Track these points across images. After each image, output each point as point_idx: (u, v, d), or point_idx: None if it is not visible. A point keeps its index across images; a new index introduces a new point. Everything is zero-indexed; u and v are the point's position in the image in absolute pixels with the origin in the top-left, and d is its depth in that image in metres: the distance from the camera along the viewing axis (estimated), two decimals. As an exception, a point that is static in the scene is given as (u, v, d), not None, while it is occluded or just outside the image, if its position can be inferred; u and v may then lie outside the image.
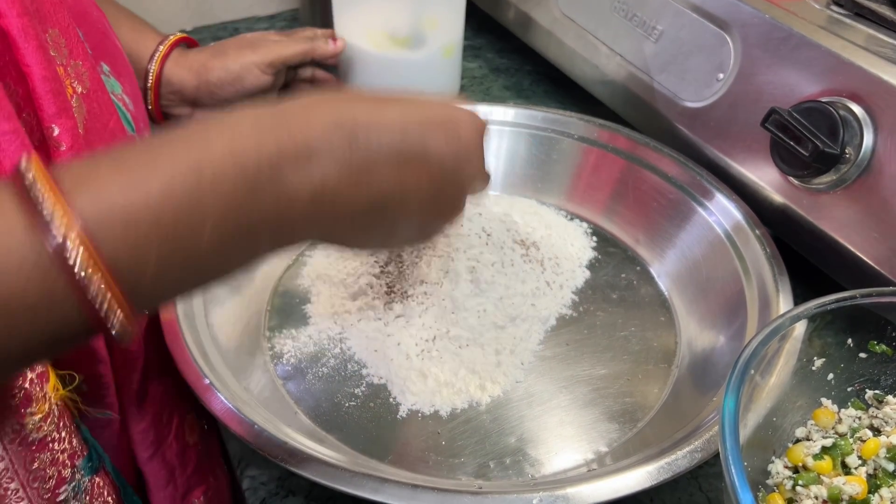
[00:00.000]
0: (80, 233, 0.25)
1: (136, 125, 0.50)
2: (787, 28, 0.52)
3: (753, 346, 0.37)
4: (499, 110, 0.65)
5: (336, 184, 0.32)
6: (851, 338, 0.41)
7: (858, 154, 0.48)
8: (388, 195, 0.34)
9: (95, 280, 0.26)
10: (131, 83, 0.53)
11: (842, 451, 0.39)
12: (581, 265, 0.58)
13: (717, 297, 0.52)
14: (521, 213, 0.61)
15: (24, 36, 0.34)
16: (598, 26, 0.68)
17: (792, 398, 0.41)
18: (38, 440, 0.35)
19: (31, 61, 0.34)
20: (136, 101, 0.53)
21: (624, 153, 0.62)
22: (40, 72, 0.34)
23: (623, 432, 0.46)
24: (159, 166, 0.28)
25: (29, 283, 0.25)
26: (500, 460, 0.44)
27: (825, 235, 0.50)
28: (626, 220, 0.61)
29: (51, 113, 0.35)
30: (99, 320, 0.26)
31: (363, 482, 0.37)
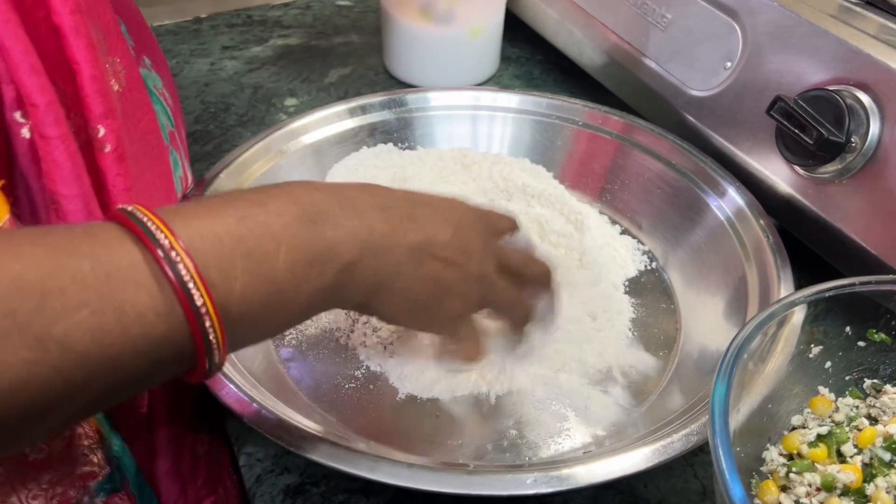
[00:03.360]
0: (185, 249, 0.28)
1: (174, 119, 0.51)
2: (796, 16, 0.51)
3: (747, 332, 0.37)
4: (503, 96, 0.65)
5: (381, 225, 0.37)
6: (850, 326, 0.41)
7: (864, 143, 0.47)
8: (420, 240, 0.40)
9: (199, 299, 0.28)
10: (168, 78, 0.54)
11: (837, 440, 0.39)
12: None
13: (719, 285, 0.52)
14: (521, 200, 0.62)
15: (76, 33, 0.33)
16: (607, 15, 0.67)
17: (788, 385, 0.41)
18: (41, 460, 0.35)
19: (80, 58, 0.33)
20: (174, 95, 0.53)
21: (628, 140, 0.61)
22: (89, 70, 0.34)
23: (622, 417, 0.46)
24: (232, 203, 0.33)
25: (158, 317, 0.28)
26: (498, 443, 0.45)
27: (830, 225, 0.50)
28: (629, 206, 0.61)
29: (98, 113, 0.34)
30: (202, 351, 0.29)
31: (358, 460, 0.37)
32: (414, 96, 0.65)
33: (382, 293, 0.39)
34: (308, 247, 0.33)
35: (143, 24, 0.51)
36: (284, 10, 0.92)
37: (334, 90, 0.77)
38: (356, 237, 0.36)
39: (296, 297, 0.34)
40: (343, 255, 0.35)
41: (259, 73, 0.79)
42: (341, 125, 0.62)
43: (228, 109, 0.73)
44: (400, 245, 0.38)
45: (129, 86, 0.40)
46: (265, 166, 0.57)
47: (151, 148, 0.43)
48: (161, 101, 0.49)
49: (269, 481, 0.43)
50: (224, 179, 0.54)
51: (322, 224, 0.34)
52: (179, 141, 0.51)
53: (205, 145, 0.68)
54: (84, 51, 0.33)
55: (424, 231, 0.40)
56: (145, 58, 0.48)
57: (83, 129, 0.35)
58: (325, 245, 0.34)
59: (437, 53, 0.73)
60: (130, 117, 0.40)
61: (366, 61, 0.82)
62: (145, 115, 0.43)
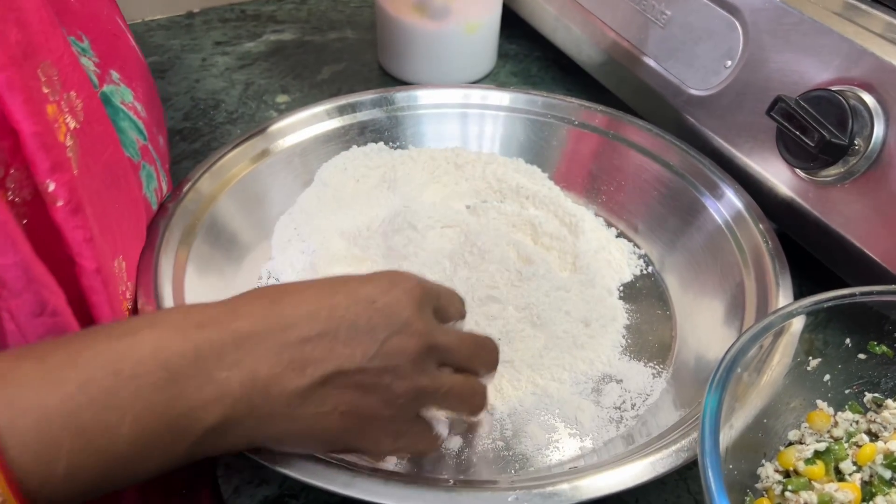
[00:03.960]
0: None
1: (148, 132, 0.49)
2: (799, 13, 0.50)
3: (741, 344, 0.35)
4: (497, 94, 0.63)
5: (268, 369, 0.32)
6: (850, 337, 0.39)
7: (868, 146, 0.46)
8: (322, 374, 0.33)
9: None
10: (144, 86, 0.52)
11: (835, 456, 0.38)
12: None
13: (716, 291, 0.50)
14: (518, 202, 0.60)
15: (10, 89, 0.31)
16: (606, 11, 0.66)
17: (785, 399, 0.39)
18: None
19: (19, 116, 0.31)
20: (150, 105, 0.51)
21: (625, 140, 0.60)
22: (30, 127, 0.31)
23: (613, 429, 0.45)
24: (79, 364, 0.29)
25: None
26: (483, 455, 0.43)
27: (831, 230, 0.48)
28: (625, 208, 0.59)
29: (44, 169, 0.32)
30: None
31: (334, 476, 0.36)
32: (405, 94, 0.63)
33: (273, 442, 0.34)
34: (161, 415, 0.29)
35: (114, 35, 0.49)
36: (279, 4, 0.90)
37: (327, 87, 0.75)
38: (227, 395, 0.31)
39: (143, 466, 0.30)
40: (206, 419, 0.31)
41: (251, 70, 0.77)
42: (330, 123, 0.61)
43: (218, 106, 0.72)
44: (290, 389, 0.32)
45: (89, 118, 0.39)
46: (249, 167, 0.55)
47: (117, 178, 0.42)
48: (130, 117, 0.47)
49: (248, 493, 0.42)
50: (207, 180, 0.52)
51: (185, 383, 0.30)
52: (155, 151, 0.50)
53: (192, 143, 0.67)
54: (21, 107, 0.31)
55: (332, 358, 0.33)
56: (113, 72, 0.47)
57: (27, 182, 0.33)
58: (185, 409, 0.30)
59: (433, 50, 0.72)
60: (91, 152, 0.38)
61: (360, 57, 0.80)
62: (108, 146, 0.41)
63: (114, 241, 0.41)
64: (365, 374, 0.34)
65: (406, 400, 0.35)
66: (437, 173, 0.62)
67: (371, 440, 0.36)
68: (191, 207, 0.50)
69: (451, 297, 0.40)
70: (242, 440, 0.33)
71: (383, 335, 0.34)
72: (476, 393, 0.39)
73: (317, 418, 0.33)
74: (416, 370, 0.35)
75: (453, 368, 0.38)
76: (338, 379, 0.33)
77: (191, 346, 0.31)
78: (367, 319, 0.34)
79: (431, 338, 0.36)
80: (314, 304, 0.34)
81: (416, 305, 0.36)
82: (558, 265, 0.55)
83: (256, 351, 0.32)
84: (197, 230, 0.49)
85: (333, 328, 0.33)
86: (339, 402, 0.34)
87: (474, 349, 0.39)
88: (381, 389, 0.34)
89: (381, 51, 0.77)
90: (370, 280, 0.36)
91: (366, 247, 0.54)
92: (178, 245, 0.47)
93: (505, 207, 0.60)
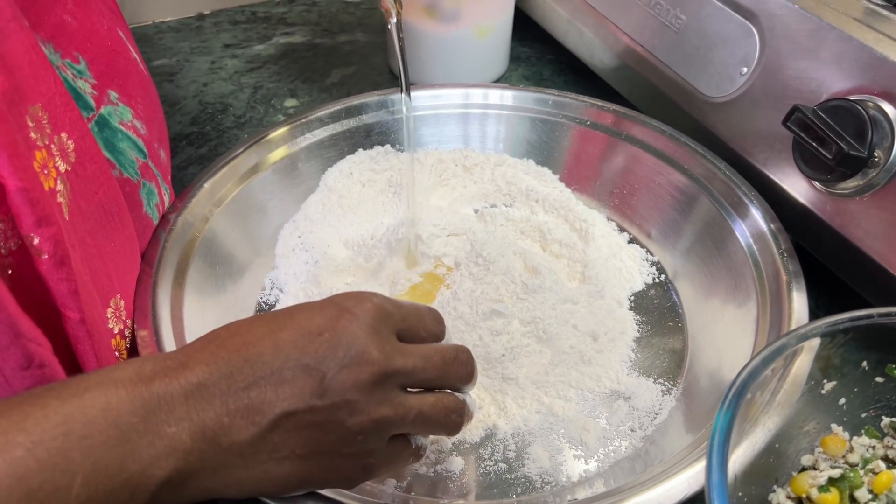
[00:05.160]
0: None
1: (148, 149, 0.48)
2: (818, 19, 0.48)
3: (752, 367, 0.34)
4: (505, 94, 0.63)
5: (215, 419, 0.31)
6: (867, 360, 0.38)
7: (889, 158, 0.44)
8: (271, 419, 0.32)
9: None
10: (144, 101, 0.51)
11: (850, 484, 0.36)
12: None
13: (729, 303, 0.49)
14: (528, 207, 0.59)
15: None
16: (619, 15, 0.64)
17: (798, 423, 0.38)
18: None
19: (4, 173, 0.31)
20: (150, 121, 0.51)
21: (639, 142, 0.58)
22: (15, 183, 0.31)
23: (622, 450, 0.43)
24: (27, 427, 0.28)
25: None
26: (484, 478, 0.42)
27: (849, 244, 0.47)
28: (638, 212, 0.58)
29: (29, 223, 0.32)
30: None
31: None
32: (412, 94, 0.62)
33: (233, 491, 0.33)
34: (113, 474, 0.29)
35: (114, 52, 0.49)
36: (290, 6, 0.89)
37: (336, 90, 0.74)
38: (177, 448, 0.30)
39: None
40: (158, 474, 0.30)
41: (260, 73, 0.77)
42: (336, 126, 0.60)
43: (226, 110, 0.71)
44: (240, 439, 0.31)
45: (81, 159, 0.38)
46: (253, 174, 0.55)
47: (112, 217, 0.41)
48: (130, 136, 0.47)
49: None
50: (207, 192, 0.51)
51: (137, 440, 0.29)
52: (155, 167, 0.49)
53: (199, 148, 0.66)
54: (6, 163, 0.30)
55: (278, 400, 0.32)
56: (111, 91, 0.46)
57: (13, 234, 0.33)
58: (138, 467, 0.29)
59: (443, 53, 0.71)
60: (84, 193, 0.38)
61: (370, 61, 0.79)
62: (102, 185, 0.40)
63: (110, 280, 0.41)
64: (316, 413, 0.32)
65: (365, 435, 0.33)
66: (444, 176, 0.62)
67: (339, 477, 0.34)
68: (191, 220, 0.49)
69: (421, 317, 0.38)
70: (201, 492, 0.32)
71: (331, 369, 0.32)
72: (451, 411, 0.37)
73: (274, 464, 0.32)
74: (373, 401, 0.33)
75: (424, 389, 0.37)
76: (288, 421, 0.32)
77: (140, 404, 0.30)
78: (312, 354, 0.32)
79: (388, 363, 0.34)
80: (259, 345, 0.32)
81: (368, 331, 0.34)
82: (567, 274, 0.54)
83: (203, 402, 0.31)
84: (197, 243, 0.49)
85: (278, 368, 0.32)
86: (295, 445, 0.32)
87: (442, 366, 0.36)
88: (336, 426, 0.33)
89: (391, 54, 0.76)
90: (320, 309, 0.34)
91: (369, 256, 0.53)
92: (177, 262, 0.47)
93: (513, 213, 0.58)
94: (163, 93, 0.72)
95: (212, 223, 0.50)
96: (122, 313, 0.41)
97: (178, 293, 0.45)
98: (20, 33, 0.34)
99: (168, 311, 0.43)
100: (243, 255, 0.53)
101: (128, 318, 0.42)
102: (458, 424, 0.38)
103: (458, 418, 0.37)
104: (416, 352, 0.36)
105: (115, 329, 0.40)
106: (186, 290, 0.45)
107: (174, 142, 0.66)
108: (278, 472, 0.32)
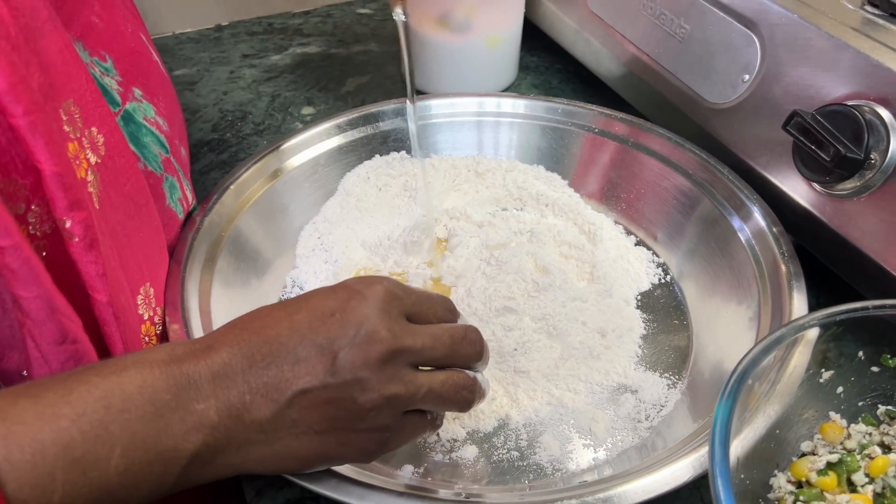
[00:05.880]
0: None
1: (170, 145, 0.51)
2: (816, 28, 0.50)
3: (752, 356, 0.36)
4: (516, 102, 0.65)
5: (239, 397, 0.33)
6: (863, 350, 0.40)
7: (885, 160, 0.46)
8: (288, 396, 0.34)
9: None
10: (166, 100, 0.54)
11: (847, 468, 0.38)
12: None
13: (732, 301, 0.51)
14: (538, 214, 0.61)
15: (32, 133, 0.32)
16: (625, 25, 0.66)
17: (798, 410, 0.40)
18: None
19: (40, 157, 0.33)
20: (171, 119, 0.53)
21: (645, 148, 0.60)
22: (50, 168, 0.33)
23: (627, 440, 0.45)
24: (72, 400, 0.30)
25: None
26: (498, 465, 0.44)
27: (847, 243, 0.49)
28: (644, 216, 0.60)
29: (62, 206, 0.34)
30: None
31: (349, 488, 0.37)
32: (427, 103, 0.65)
33: (258, 466, 0.35)
34: (148, 447, 0.31)
35: (137, 52, 0.51)
36: (305, 17, 0.92)
37: (351, 99, 0.77)
38: (205, 424, 0.33)
39: (134, 495, 0.32)
40: (188, 448, 0.32)
41: (277, 82, 0.79)
42: (353, 133, 0.62)
43: (245, 118, 0.73)
44: (260, 416, 0.34)
45: (110, 152, 0.40)
46: (275, 178, 0.57)
47: (139, 208, 0.44)
48: (153, 131, 0.49)
49: (269, 495, 0.43)
50: (232, 193, 0.54)
51: (169, 416, 0.32)
52: (177, 162, 0.51)
53: (220, 154, 0.68)
54: (43, 149, 0.33)
55: (294, 378, 0.34)
56: (135, 89, 0.49)
57: (47, 218, 0.35)
58: (170, 440, 0.32)
59: (455, 63, 0.73)
60: (113, 185, 0.40)
61: (384, 70, 0.82)
62: (130, 178, 0.43)
63: (139, 269, 0.43)
64: (329, 390, 0.34)
65: (378, 411, 0.35)
66: (457, 181, 0.64)
67: (356, 451, 0.36)
68: (217, 220, 0.52)
69: (432, 303, 0.39)
70: (227, 468, 0.34)
71: (343, 348, 0.34)
72: (461, 388, 0.38)
73: (293, 440, 0.34)
74: (383, 379, 0.35)
75: (435, 367, 0.38)
76: (304, 398, 0.34)
77: (172, 382, 0.32)
78: (325, 333, 0.34)
79: (397, 342, 0.35)
80: (277, 326, 0.35)
81: (378, 312, 0.35)
82: (576, 274, 0.56)
83: (227, 381, 0.33)
84: (223, 242, 0.51)
85: (293, 348, 0.34)
86: (312, 421, 0.34)
87: (451, 344, 0.38)
88: (349, 403, 0.34)
89: (403, 63, 0.78)
90: (333, 292, 0.36)
91: (386, 256, 0.56)
92: (205, 258, 0.49)
93: (524, 216, 0.61)
94: (184, 101, 0.75)
95: (237, 222, 0.53)
96: (152, 301, 0.43)
97: (205, 288, 0.47)
98: (55, 33, 0.36)
99: (197, 304, 0.45)
100: (267, 252, 0.55)
101: (157, 305, 0.44)
102: (468, 401, 0.39)
103: (468, 395, 0.39)
104: (425, 331, 0.37)
105: (146, 315, 0.42)
106: (214, 286, 0.48)
107: (196, 148, 0.69)
108: (298, 447, 0.35)
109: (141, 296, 0.42)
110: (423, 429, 0.39)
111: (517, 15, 0.73)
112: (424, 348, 0.37)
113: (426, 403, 0.37)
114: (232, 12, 0.90)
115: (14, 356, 0.37)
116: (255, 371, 0.34)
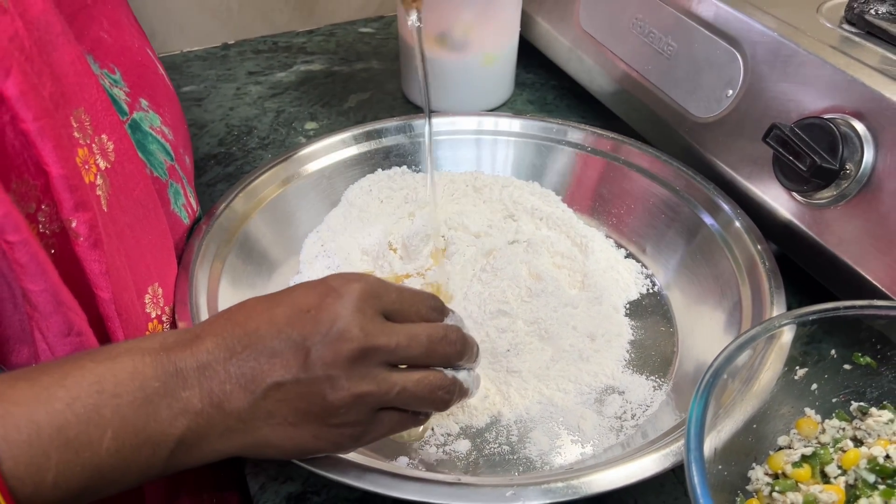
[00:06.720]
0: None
1: (175, 153, 0.54)
2: (796, 45, 0.53)
3: (728, 353, 0.38)
4: (514, 122, 0.67)
5: (219, 386, 0.35)
6: (835, 349, 0.42)
7: (859, 170, 0.48)
8: (263, 388, 0.35)
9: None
10: (171, 111, 0.56)
11: (821, 460, 0.40)
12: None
13: (716, 308, 0.53)
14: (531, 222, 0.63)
15: (42, 137, 0.34)
16: (616, 43, 0.69)
17: (775, 406, 0.42)
18: None
19: (48, 160, 0.35)
20: (176, 129, 0.56)
21: (635, 166, 0.63)
22: (57, 170, 0.35)
23: (614, 437, 0.47)
24: (67, 384, 0.32)
25: None
26: (490, 458, 0.46)
27: (825, 250, 0.51)
28: (634, 230, 0.63)
29: (69, 207, 0.36)
30: None
31: (346, 470, 0.39)
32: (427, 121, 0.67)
33: (240, 452, 0.37)
34: (138, 430, 0.33)
35: (144, 65, 0.54)
36: (309, 36, 0.95)
37: (353, 114, 0.79)
38: (189, 410, 0.34)
39: (124, 477, 0.33)
40: (174, 432, 0.34)
41: (282, 98, 0.82)
42: (357, 148, 0.65)
43: (251, 132, 0.76)
44: (238, 406, 0.35)
45: (120, 158, 0.42)
46: (280, 188, 0.60)
47: (147, 213, 0.46)
48: (158, 140, 0.52)
49: (273, 489, 0.45)
50: (241, 200, 0.56)
51: (158, 402, 0.33)
52: (181, 170, 0.54)
53: (227, 167, 0.71)
54: (51, 153, 0.35)
55: (270, 371, 0.35)
56: (142, 100, 0.51)
57: (55, 218, 0.37)
58: (157, 427, 0.33)
59: (453, 80, 0.76)
60: (122, 189, 0.42)
61: (385, 87, 0.84)
62: (138, 183, 0.45)
63: (148, 269, 0.45)
64: (301, 385, 0.35)
65: (347, 408, 0.36)
66: (456, 195, 0.66)
67: (329, 444, 0.37)
68: (225, 225, 0.54)
69: (414, 300, 0.40)
70: (213, 453, 0.36)
71: (315, 344, 0.35)
72: (437, 388, 0.38)
73: (270, 430, 0.36)
74: (354, 377, 0.36)
75: (411, 367, 0.38)
76: (278, 392, 0.35)
77: (161, 370, 0.34)
78: (300, 330, 0.35)
79: (368, 341, 0.36)
80: (258, 319, 0.36)
81: (352, 310, 0.36)
82: (568, 283, 0.58)
83: (210, 370, 0.35)
84: (231, 246, 0.53)
85: (270, 341, 0.35)
86: (287, 413, 0.35)
87: (428, 344, 0.38)
88: (319, 399, 0.35)
89: (404, 81, 0.81)
90: (313, 288, 0.37)
91: (385, 263, 0.58)
92: (213, 260, 0.52)
93: (520, 227, 0.63)
94: (192, 116, 0.78)
95: (242, 232, 0.55)
96: (161, 300, 0.46)
97: (213, 286, 0.50)
98: (67, 46, 0.39)
99: (205, 301, 0.48)
100: (272, 256, 0.58)
101: (165, 305, 0.46)
102: (445, 401, 0.39)
103: (444, 395, 0.39)
104: (402, 330, 0.37)
105: (153, 314, 0.45)
106: (221, 284, 0.50)
107: (203, 161, 0.71)
108: (274, 437, 0.36)
109: (149, 295, 0.45)
110: (403, 424, 0.40)
111: (513, 33, 0.76)
112: (399, 347, 0.37)
113: (400, 402, 0.38)
114: (238, 32, 0.93)
115: (24, 350, 0.39)
116: (235, 362, 0.35)
